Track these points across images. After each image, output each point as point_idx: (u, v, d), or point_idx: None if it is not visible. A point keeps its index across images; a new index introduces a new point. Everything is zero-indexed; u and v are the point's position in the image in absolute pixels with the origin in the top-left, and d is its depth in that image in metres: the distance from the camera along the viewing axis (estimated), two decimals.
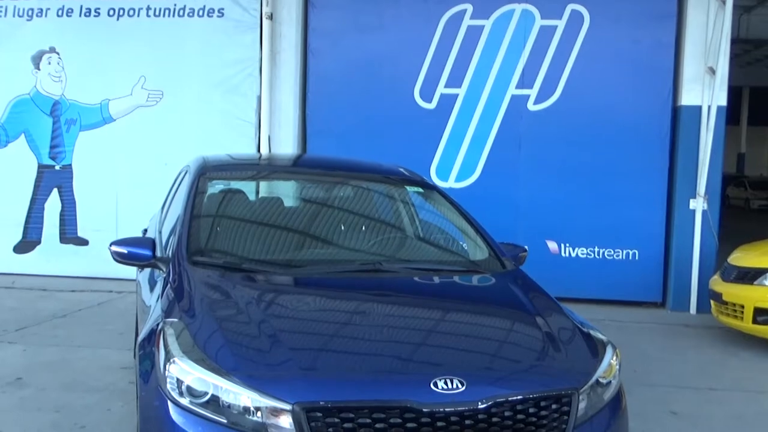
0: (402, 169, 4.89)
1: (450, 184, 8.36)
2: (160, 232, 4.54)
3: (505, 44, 8.35)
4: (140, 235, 5.29)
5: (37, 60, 8.97)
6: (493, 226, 4.48)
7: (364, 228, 4.48)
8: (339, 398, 2.66)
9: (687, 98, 8.03)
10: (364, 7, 8.61)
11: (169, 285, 3.52)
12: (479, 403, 2.74)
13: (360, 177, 4.83)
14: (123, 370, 5.32)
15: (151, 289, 3.95)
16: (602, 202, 8.27)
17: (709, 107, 7.82)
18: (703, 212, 7.97)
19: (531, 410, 2.82)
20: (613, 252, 8.30)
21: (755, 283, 6.43)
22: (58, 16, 8.92)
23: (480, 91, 8.41)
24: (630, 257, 8.27)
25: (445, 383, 2.75)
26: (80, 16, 8.89)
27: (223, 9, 8.68)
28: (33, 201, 9.01)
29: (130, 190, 8.74)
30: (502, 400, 2.79)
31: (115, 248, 3.79)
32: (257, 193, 5.09)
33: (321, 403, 2.66)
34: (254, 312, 3.22)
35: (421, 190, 4.79)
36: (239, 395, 2.70)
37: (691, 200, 8.00)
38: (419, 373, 2.91)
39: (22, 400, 4.81)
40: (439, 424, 2.69)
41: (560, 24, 8.27)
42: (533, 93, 8.33)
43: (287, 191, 5.01)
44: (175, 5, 8.76)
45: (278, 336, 3.01)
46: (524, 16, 8.33)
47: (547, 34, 8.28)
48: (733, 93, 8.66)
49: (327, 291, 3.70)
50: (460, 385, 2.75)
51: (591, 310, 7.03)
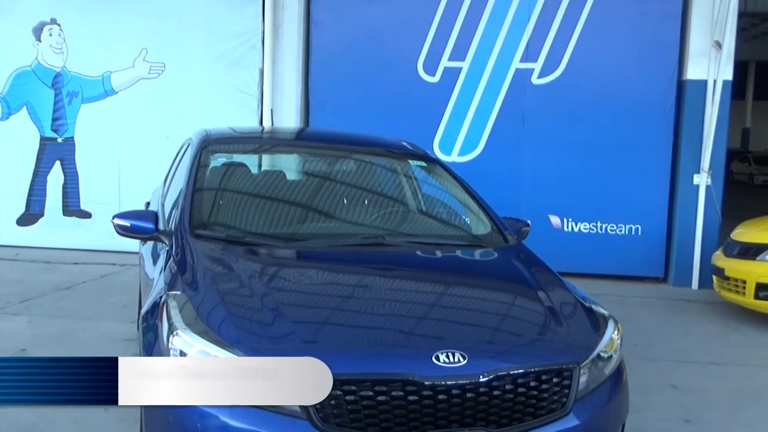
0: (405, 143, 4.87)
1: (453, 158, 8.32)
2: (163, 206, 4.54)
3: (510, 16, 8.25)
4: (143, 208, 5.28)
5: (38, 31, 8.88)
6: (496, 201, 4.48)
7: (366, 202, 4.47)
8: (341, 371, 2.66)
9: (693, 72, 7.94)
10: None
11: (171, 258, 3.52)
12: (481, 377, 2.76)
13: (363, 151, 4.82)
14: (126, 342, 5.34)
15: (154, 262, 3.96)
16: (605, 176, 8.23)
17: (715, 81, 7.74)
18: (707, 187, 7.93)
19: (532, 384, 2.84)
20: (616, 227, 8.28)
21: (758, 258, 6.42)
22: None
23: (484, 64, 8.33)
24: (633, 232, 8.25)
25: (447, 357, 2.76)
26: None
27: None
28: (35, 173, 8.99)
29: (133, 162, 8.71)
30: (503, 373, 2.80)
31: (117, 221, 3.79)
32: (260, 166, 5.08)
33: None
34: (257, 285, 3.23)
35: (424, 164, 4.77)
36: None
37: (695, 175, 7.96)
38: (421, 346, 2.92)
39: None
40: (441, 397, 2.71)
41: None
42: (537, 67, 8.25)
43: (290, 164, 5.00)
44: None
45: (281, 309, 3.02)
46: None
47: (553, 5, 8.16)
48: (739, 67, 8.57)
49: (329, 265, 3.70)
50: (461, 359, 2.77)
51: (593, 284, 7.02)
